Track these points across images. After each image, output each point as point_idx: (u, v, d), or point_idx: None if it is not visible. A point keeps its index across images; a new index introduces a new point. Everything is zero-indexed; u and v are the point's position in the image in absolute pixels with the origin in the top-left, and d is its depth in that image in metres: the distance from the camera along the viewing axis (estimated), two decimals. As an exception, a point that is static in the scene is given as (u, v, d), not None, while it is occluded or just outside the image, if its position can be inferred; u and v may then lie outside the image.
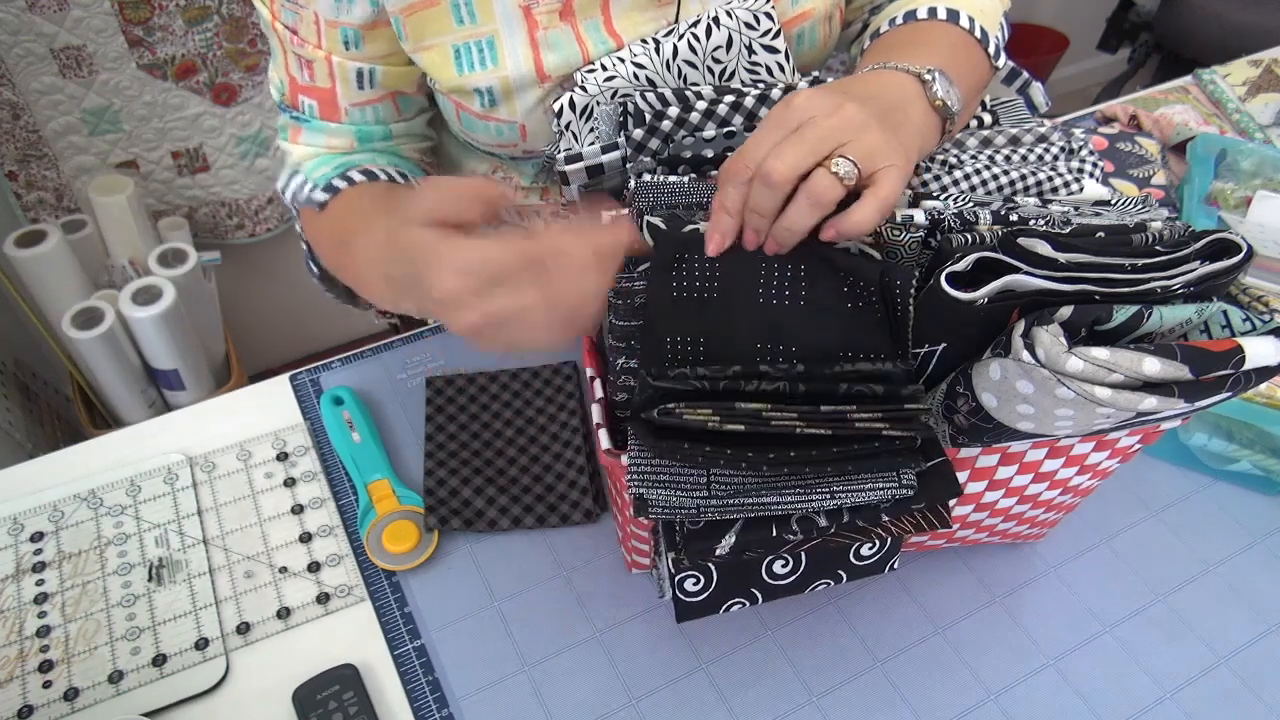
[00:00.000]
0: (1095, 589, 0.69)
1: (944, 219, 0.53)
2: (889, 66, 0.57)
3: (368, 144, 0.72)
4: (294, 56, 0.67)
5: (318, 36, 0.64)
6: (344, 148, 0.71)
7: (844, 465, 0.47)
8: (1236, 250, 0.46)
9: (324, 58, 0.66)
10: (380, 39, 0.65)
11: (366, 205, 0.66)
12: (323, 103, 0.69)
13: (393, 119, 0.71)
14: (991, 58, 0.66)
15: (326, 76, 0.67)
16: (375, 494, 0.71)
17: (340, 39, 0.64)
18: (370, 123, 0.71)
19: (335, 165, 0.70)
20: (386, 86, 0.68)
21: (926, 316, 0.49)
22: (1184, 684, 0.64)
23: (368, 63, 0.66)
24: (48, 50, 1.45)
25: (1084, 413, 0.43)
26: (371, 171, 0.69)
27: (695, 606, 0.57)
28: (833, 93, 0.50)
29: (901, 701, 0.62)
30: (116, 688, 0.62)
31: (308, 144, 0.71)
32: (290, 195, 0.72)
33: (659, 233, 0.53)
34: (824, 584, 0.58)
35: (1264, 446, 0.72)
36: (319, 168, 0.71)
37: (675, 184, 0.57)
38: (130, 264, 1.56)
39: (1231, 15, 2.06)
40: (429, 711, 0.61)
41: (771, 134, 0.49)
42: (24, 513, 0.71)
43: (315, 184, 0.69)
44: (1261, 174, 0.98)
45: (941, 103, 0.55)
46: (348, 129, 0.70)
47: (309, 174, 0.70)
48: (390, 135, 0.72)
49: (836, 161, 0.47)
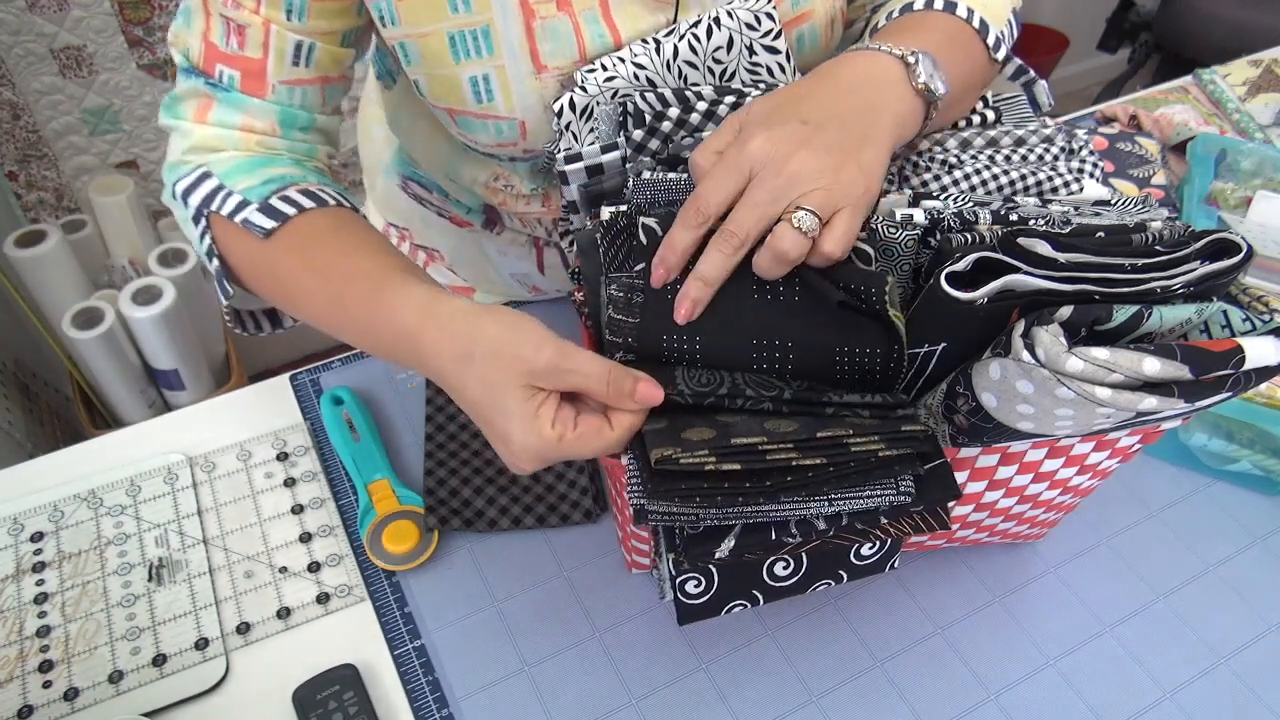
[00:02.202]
0: (1095, 589, 0.69)
1: (943, 218, 0.53)
2: (872, 48, 0.57)
3: (289, 129, 0.65)
4: (219, 21, 0.61)
5: (256, 1, 0.60)
6: (264, 131, 0.64)
7: (842, 481, 0.49)
8: (1236, 250, 0.46)
9: (261, 23, 0.60)
10: (326, 14, 0.62)
11: (353, 254, 0.60)
12: (247, 74, 0.62)
13: (317, 108, 0.66)
14: (990, 49, 0.65)
15: (259, 46, 0.61)
16: (375, 494, 0.71)
17: (284, 6, 0.60)
18: (296, 105, 0.64)
19: (264, 179, 0.62)
20: (321, 67, 0.64)
21: (926, 316, 0.49)
22: (1184, 684, 0.64)
23: (308, 36, 0.62)
24: (48, 50, 1.45)
25: (1084, 413, 0.43)
26: (314, 194, 0.62)
27: (696, 609, 0.57)
28: (790, 130, 0.50)
29: (901, 701, 0.62)
30: (116, 688, 0.62)
31: (217, 123, 0.63)
32: (198, 200, 0.63)
33: (654, 235, 0.53)
34: (825, 584, 0.59)
35: (1264, 446, 0.72)
36: (242, 176, 0.62)
37: (673, 181, 0.57)
38: (130, 264, 1.56)
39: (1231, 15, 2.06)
40: (429, 711, 0.61)
41: (725, 178, 0.50)
42: (24, 513, 0.71)
43: (246, 199, 0.61)
44: (1261, 174, 0.98)
45: (925, 86, 0.55)
46: (271, 107, 0.63)
47: (230, 183, 0.62)
48: (313, 125, 0.67)
49: (797, 216, 0.48)
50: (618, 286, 0.52)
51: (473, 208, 0.85)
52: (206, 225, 0.64)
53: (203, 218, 0.63)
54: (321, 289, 0.60)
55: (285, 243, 0.61)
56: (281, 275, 0.62)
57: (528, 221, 0.83)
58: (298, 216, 0.61)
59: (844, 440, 0.48)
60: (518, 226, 0.85)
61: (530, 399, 0.49)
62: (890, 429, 0.48)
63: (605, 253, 0.54)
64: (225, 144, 0.64)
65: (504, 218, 0.84)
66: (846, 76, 0.55)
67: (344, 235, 0.62)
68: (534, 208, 0.78)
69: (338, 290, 0.59)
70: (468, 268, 0.93)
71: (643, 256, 0.53)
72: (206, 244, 0.64)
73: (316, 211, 0.62)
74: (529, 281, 0.91)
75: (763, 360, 0.52)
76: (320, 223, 0.62)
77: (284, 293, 0.63)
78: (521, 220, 0.83)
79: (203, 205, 0.63)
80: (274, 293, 0.64)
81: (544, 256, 0.88)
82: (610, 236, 0.54)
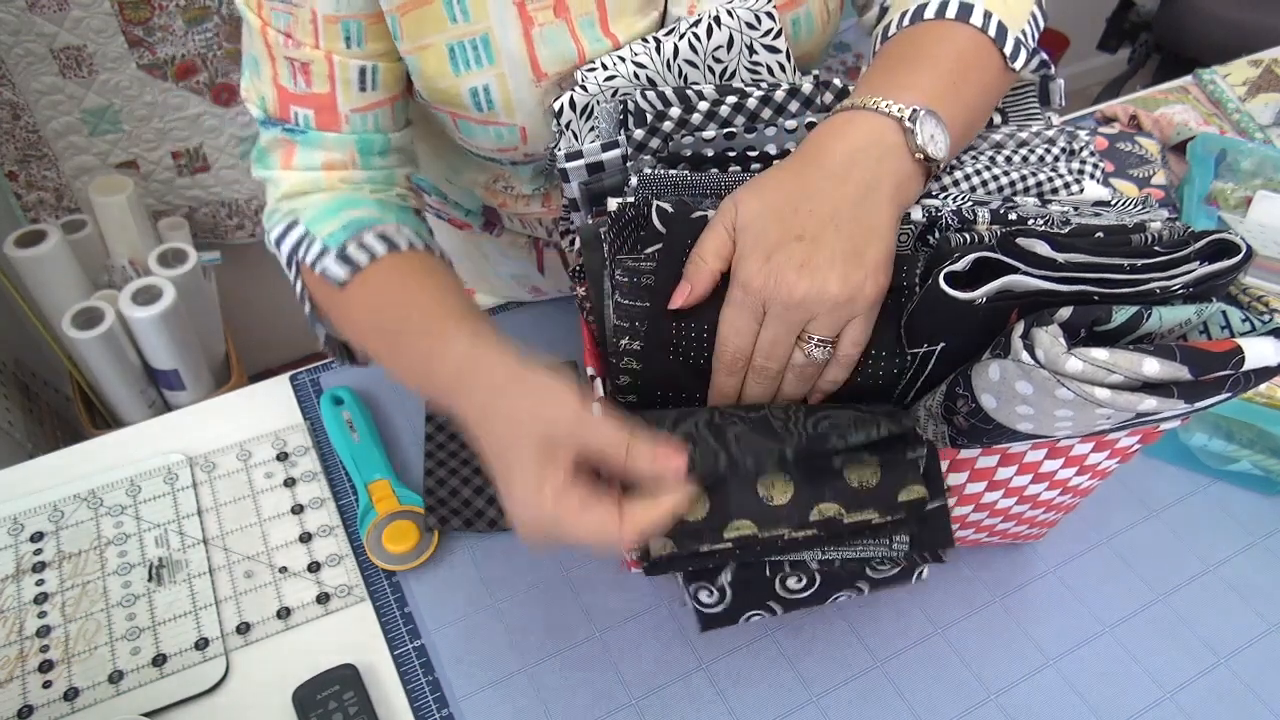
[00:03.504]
0: (1095, 589, 0.69)
1: (942, 217, 0.53)
2: (869, 108, 0.54)
3: (368, 157, 0.67)
4: (285, 65, 0.63)
5: (315, 36, 0.62)
6: (344, 163, 0.66)
7: (834, 542, 0.50)
8: (1236, 250, 0.46)
9: (323, 57, 0.63)
10: (381, 35, 0.63)
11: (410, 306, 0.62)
12: (320, 110, 0.64)
13: (390, 128, 0.68)
14: (1008, 59, 0.61)
15: (325, 79, 0.64)
16: (375, 494, 0.71)
17: (342, 35, 0.62)
18: (371, 131, 0.67)
19: (344, 223, 0.64)
20: (388, 87, 0.66)
21: (925, 316, 0.49)
22: (1184, 684, 0.64)
23: (370, 60, 0.64)
24: (48, 50, 1.45)
25: (1083, 413, 0.43)
26: (389, 238, 0.63)
27: (715, 617, 0.56)
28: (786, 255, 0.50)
29: (901, 701, 0.63)
30: (116, 688, 0.62)
31: (302, 166, 0.66)
32: (289, 249, 0.66)
33: (669, 217, 0.53)
34: (845, 595, 0.58)
35: (1264, 446, 0.72)
36: (324, 222, 0.64)
37: (677, 177, 0.57)
38: (130, 264, 1.56)
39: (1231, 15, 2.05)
40: (429, 711, 0.61)
41: (742, 321, 0.51)
42: (24, 513, 0.71)
43: (326, 246, 0.63)
44: (1261, 174, 0.98)
45: (924, 154, 0.53)
46: (348, 139, 0.66)
47: (313, 229, 0.64)
48: (389, 147, 0.69)
49: (807, 346, 0.51)
50: (623, 271, 0.53)
51: (472, 210, 0.85)
52: (297, 272, 0.67)
53: (294, 265, 0.67)
54: (382, 341, 0.63)
55: (356, 293, 0.63)
56: (353, 322, 0.65)
57: (528, 222, 0.83)
58: (369, 266, 0.62)
59: (836, 518, 0.48)
60: (517, 228, 0.85)
61: (540, 463, 0.47)
62: (887, 498, 0.49)
63: (611, 245, 0.54)
64: (311, 187, 0.66)
65: (503, 219, 0.84)
66: (839, 155, 0.53)
67: (410, 283, 0.63)
68: (534, 208, 0.78)
69: (391, 345, 0.62)
70: (467, 269, 0.93)
71: (655, 241, 0.53)
72: (299, 289, 0.68)
73: (387, 259, 0.63)
74: (529, 282, 0.91)
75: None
76: (389, 272, 0.63)
77: (358, 337, 0.66)
78: (521, 221, 0.83)
79: (292, 253, 0.66)
80: (351, 337, 0.68)
81: (544, 258, 0.88)
82: (618, 228, 0.54)
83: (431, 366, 0.57)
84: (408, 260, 0.64)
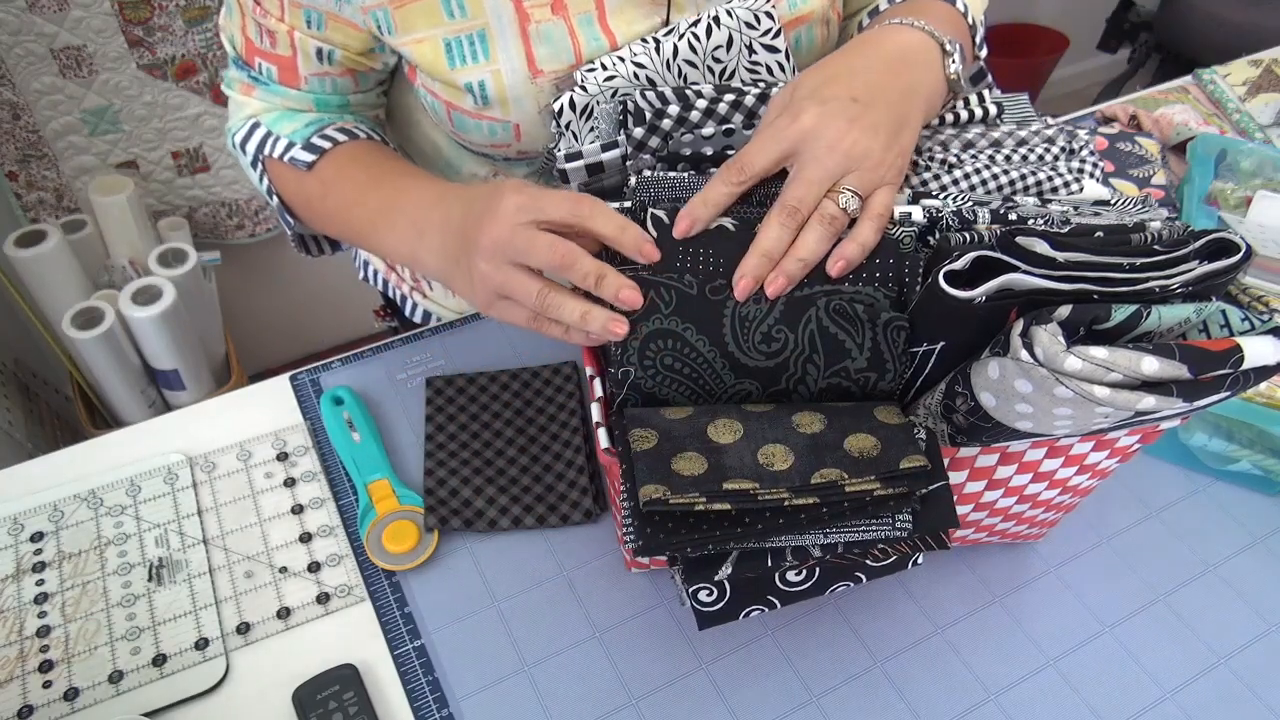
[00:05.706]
0: (1095, 589, 0.69)
1: (942, 217, 0.54)
2: (917, 25, 0.59)
3: (326, 110, 0.73)
4: (254, 22, 0.67)
5: (281, 10, 0.65)
6: (304, 109, 0.72)
7: (835, 519, 0.49)
8: (1235, 250, 0.46)
9: (286, 31, 0.66)
10: (342, 31, 0.66)
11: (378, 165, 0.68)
12: (282, 69, 0.69)
13: (350, 91, 0.73)
14: (976, 47, 0.68)
15: (288, 47, 0.68)
16: (375, 494, 0.71)
17: (304, 17, 0.65)
18: (329, 92, 0.72)
19: (306, 123, 0.71)
20: (345, 65, 0.70)
21: (925, 315, 0.49)
22: (1184, 684, 0.64)
23: (328, 45, 0.67)
24: (48, 50, 1.45)
25: (1083, 412, 0.43)
26: (350, 130, 0.71)
27: (714, 615, 0.56)
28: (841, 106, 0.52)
29: (901, 701, 0.62)
30: (116, 688, 0.62)
31: (263, 100, 0.72)
32: (254, 147, 0.72)
33: (663, 225, 0.53)
34: (844, 585, 0.58)
35: (1264, 446, 0.72)
36: (286, 122, 0.71)
37: (675, 179, 0.57)
38: (130, 264, 1.56)
39: (1231, 15, 2.05)
40: (429, 711, 0.61)
41: (773, 145, 0.53)
42: (24, 513, 0.71)
43: (291, 140, 0.70)
44: (1261, 174, 0.98)
45: (955, 76, 0.59)
46: (306, 96, 0.71)
47: (277, 129, 0.71)
48: (349, 105, 0.74)
49: (843, 196, 0.52)
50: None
51: None
52: (264, 168, 0.74)
53: (259, 162, 0.73)
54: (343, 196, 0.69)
55: (322, 169, 0.70)
56: (319, 198, 0.71)
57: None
58: (332, 149, 0.70)
59: (838, 482, 0.48)
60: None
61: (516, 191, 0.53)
62: (888, 465, 0.49)
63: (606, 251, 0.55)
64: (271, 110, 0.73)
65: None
66: (892, 51, 0.58)
67: (373, 153, 0.70)
68: None
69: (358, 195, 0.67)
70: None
71: None
72: (265, 184, 0.74)
73: (348, 144, 0.70)
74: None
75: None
76: (353, 151, 0.70)
77: (325, 213, 0.72)
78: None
79: (258, 151, 0.72)
80: (319, 214, 0.73)
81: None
82: None
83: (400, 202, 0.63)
84: (368, 144, 0.71)
